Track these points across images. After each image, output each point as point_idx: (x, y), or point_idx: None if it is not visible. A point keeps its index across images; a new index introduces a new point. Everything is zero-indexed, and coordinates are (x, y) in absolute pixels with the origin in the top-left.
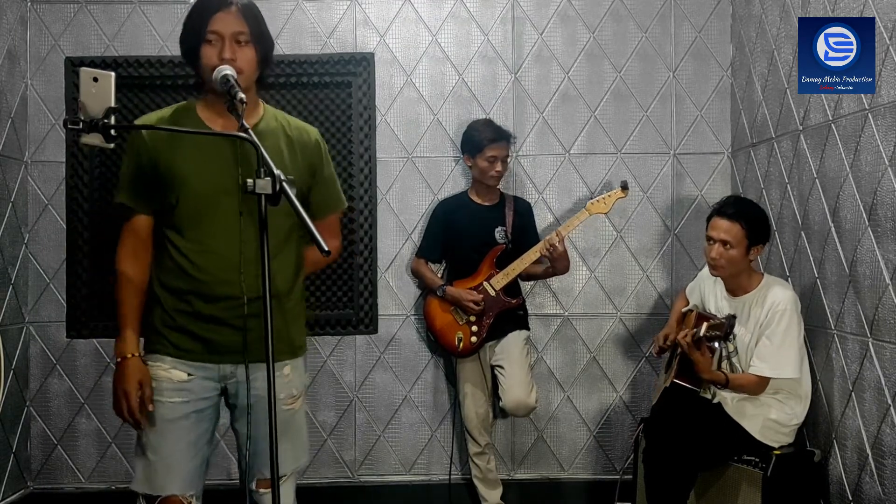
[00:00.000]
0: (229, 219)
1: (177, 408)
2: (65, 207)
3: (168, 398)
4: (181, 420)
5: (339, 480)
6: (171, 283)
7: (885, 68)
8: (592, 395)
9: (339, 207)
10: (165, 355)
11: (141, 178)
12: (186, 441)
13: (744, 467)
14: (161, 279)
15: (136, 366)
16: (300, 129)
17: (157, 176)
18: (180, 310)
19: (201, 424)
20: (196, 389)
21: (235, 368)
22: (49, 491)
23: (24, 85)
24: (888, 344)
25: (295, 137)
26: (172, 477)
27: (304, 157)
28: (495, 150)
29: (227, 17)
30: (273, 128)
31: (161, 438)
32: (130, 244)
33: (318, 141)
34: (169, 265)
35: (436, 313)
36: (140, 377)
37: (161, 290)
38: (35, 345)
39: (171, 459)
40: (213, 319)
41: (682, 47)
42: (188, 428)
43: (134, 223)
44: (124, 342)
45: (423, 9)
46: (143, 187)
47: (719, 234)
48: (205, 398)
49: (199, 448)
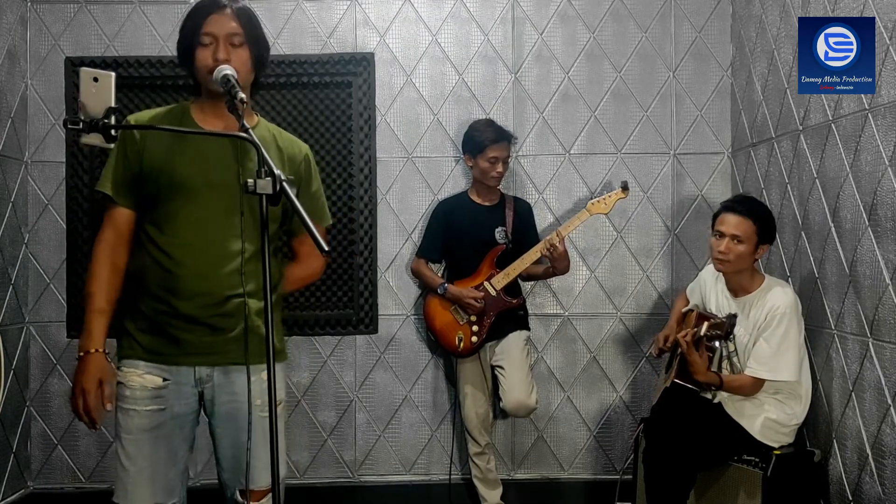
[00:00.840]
0: (211, 215)
1: (153, 416)
2: (65, 207)
3: (144, 406)
4: (157, 429)
5: (339, 480)
6: (150, 282)
7: (885, 68)
8: (592, 395)
9: (322, 224)
10: (139, 360)
11: (125, 169)
12: (165, 449)
13: (744, 467)
14: (140, 280)
15: (99, 362)
16: (290, 141)
17: (141, 169)
18: (158, 310)
19: (181, 432)
20: (172, 396)
21: (211, 371)
22: (49, 491)
23: (24, 85)
24: (888, 344)
25: (284, 149)
26: (153, 487)
27: (291, 169)
28: (496, 150)
29: (222, 19)
30: (264, 136)
31: (138, 449)
32: (109, 237)
33: (307, 156)
34: (148, 263)
35: (436, 313)
36: (101, 374)
37: (140, 292)
38: (35, 345)
39: (150, 469)
40: (188, 318)
41: (682, 47)
42: (166, 436)
43: (114, 214)
44: (89, 336)
45: (423, 9)
46: (126, 178)
47: (729, 229)
48: (183, 402)
49: (179, 455)
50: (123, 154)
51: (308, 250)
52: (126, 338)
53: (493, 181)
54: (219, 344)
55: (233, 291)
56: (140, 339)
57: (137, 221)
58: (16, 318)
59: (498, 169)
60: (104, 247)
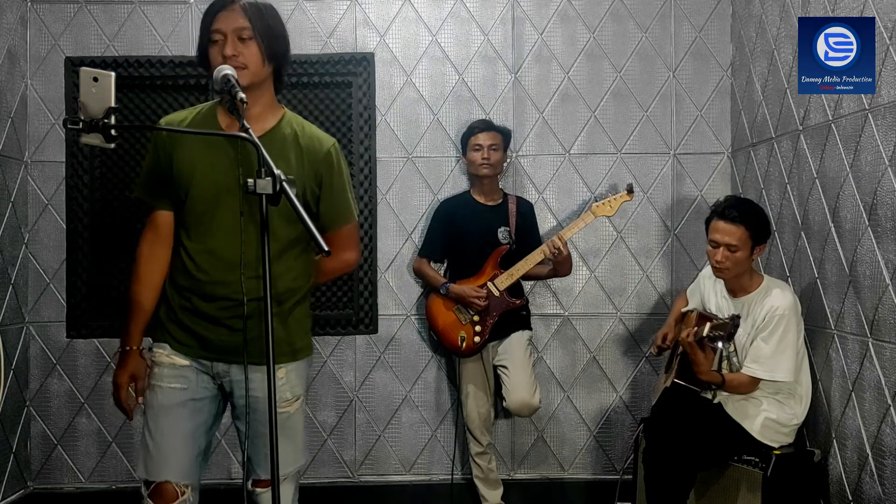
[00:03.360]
0: (230, 220)
1: (175, 394)
2: (65, 207)
3: (167, 383)
4: (177, 408)
5: (339, 480)
6: (178, 280)
7: (885, 68)
8: (592, 395)
9: (347, 220)
10: (166, 343)
11: (157, 173)
12: (182, 430)
13: (744, 467)
14: (172, 276)
15: (133, 359)
16: (313, 137)
17: (171, 173)
18: (182, 306)
19: (198, 415)
20: (193, 377)
21: (229, 368)
22: (49, 491)
23: (24, 85)
24: (888, 344)
25: (305, 145)
26: (167, 464)
27: (311, 165)
28: (479, 138)
29: (230, 15)
30: (286, 134)
31: (157, 425)
32: (148, 239)
33: (330, 151)
34: (178, 264)
35: (438, 312)
36: (133, 370)
37: (169, 287)
38: (35, 345)
39: (166, 447)
40: (209, 318)
41: (682, 47)
42: (185, 417)
43: (154, 217)
44: (128, 334)
45: (423, 9)
46: (158, 183)
47: (723, 238)
48: (203, 388)
49: (196, 439)
50: (156, 158)
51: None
52: (160, 324)
53: (482, 170)
54: (237, 344)
55: (251, 296)
56: (170, 329)
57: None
58: (16, 318)
59: (483, 155)
60: (145, 249)
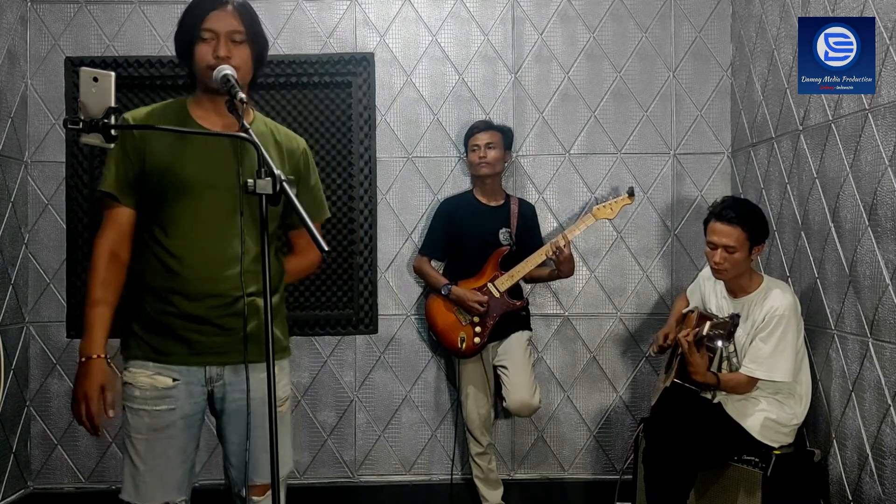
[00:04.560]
0: (215, 215)
1: (164, 416)
2: (65, 207)
3: (154, 406)
4: (168, 429)
5: (339, 480)
6: (154, 283)
7: (885, 68)
8: (592, 395)
9: (321, 217)
10: (147, 360)
11: (127, 168)
12: (175, 448)
13: (744, 467)
14: (145, 280)
15: (101, 368)
16: (288, 135)
17: (143, 168)
18: (164, 311)
19: (189, 430)
20: (182, 395)
21: (222, 370)
22: (49, 491)
23: (24, 85)
24: (888, 344)
25: (283, 143)
26: (163, 485)
27: (290, 163)
28: (477, 138)
29: (223, 16)
30: (262, 132)
31: (149, 448)
32: (110, 237)
33: (305, 150)
34: (153, 264)
35: (438, 313)
36: (103, 381)
37: (144, 293)
38: (35, 345)
39: (161, 468)
40: (197, 319)
41: (682, 47)
42: (176, 436)
43: (115, 214)
44: (91, 341)
45: (423, 9)
46: (128, 178)
47: (721, 240)
48: (192, 403)
49: (187, 454)
50: (124, 153)
51: (306, 243)
52: (133, 338)
53: (480, 170)
54: (229, 343)
55: (240, 292)
56: (148, 340)
57: (139, 222)
58: (16, 318)
59: (480, 155)
60: (105, 247)
